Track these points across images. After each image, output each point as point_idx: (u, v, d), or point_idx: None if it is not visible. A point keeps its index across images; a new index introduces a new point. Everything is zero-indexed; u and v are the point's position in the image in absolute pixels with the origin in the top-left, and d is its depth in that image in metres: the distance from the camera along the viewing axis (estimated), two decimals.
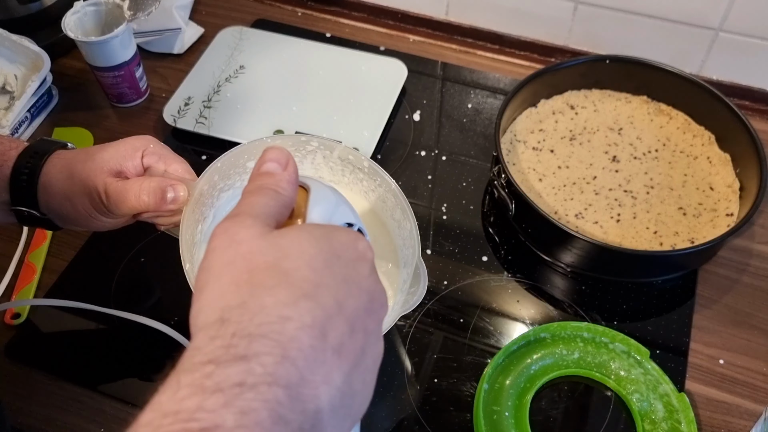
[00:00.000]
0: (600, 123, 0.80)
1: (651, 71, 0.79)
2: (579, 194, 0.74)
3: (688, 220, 0.71)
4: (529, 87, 0.78)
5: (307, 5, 1.01)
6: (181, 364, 0.27)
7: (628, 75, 0.81)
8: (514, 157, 0.77)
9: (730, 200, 0.72)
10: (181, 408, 0.25)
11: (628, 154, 0.77)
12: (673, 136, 0.79)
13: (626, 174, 0.75)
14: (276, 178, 0.34)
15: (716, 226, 0.70)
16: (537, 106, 0.81)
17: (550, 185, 0.74)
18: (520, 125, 0.80)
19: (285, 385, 0.26)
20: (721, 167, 0.75)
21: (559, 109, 0.82)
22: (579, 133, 0.79)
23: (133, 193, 0.51)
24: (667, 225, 0.71)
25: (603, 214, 0.72)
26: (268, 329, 0.27)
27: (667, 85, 0.79)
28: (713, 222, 0.71)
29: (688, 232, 0.70)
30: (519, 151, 0.77)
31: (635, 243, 0.69)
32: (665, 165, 0.76)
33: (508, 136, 0.79)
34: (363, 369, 0.30)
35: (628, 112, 0.81)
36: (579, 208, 0.72)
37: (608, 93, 0.83)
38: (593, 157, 0.77)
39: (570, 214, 0.72)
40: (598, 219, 0.71)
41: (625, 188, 0.74)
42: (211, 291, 0.29)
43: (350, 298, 0.30)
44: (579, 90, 0.83)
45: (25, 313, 0.67)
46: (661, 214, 0.72)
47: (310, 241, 0.31)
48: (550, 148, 0.78)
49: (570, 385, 0.63)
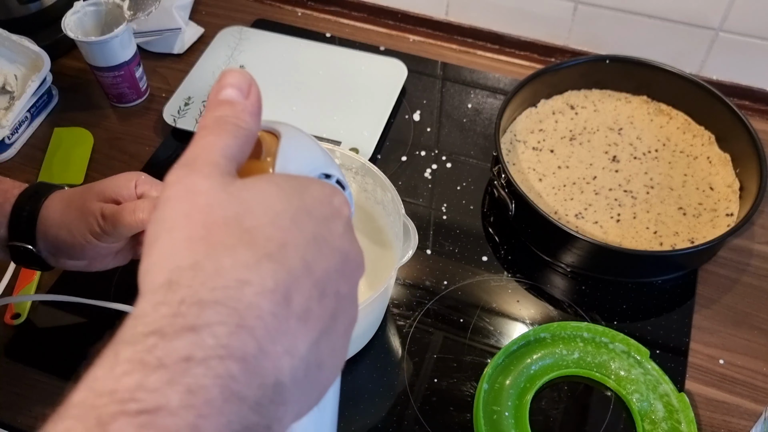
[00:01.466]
0: (600, 123, 0.80)
1: (651, 71, 0.79)
2: (579, 194, 0.73)
3: (688, 220, 0.71)
4: (529, 87, 0.78)
5: (307, 5, 1.01)
6: (122, 334, 0.23)
7: (628, 75, 0.81)
8: (514, 157, 0.77)
9: (730, 200, 0.72)
10: (118, 386, 0.21)
11: (628, 154, 0.77)
12: (673, 136, 0.79)
13: (626, 174, 0.75)
14: (236, 108, 0.29)
15: (716, 226, 0.70)
16: (537, 106, 0.81)
17: (550, 185, 0.74)
18: (520, 125, 0.80)
19: (240, 358, 0.23)
20: (721, 167, 0.75)
21: (559, 109, 0.81)
22: (579, 133, 0.79)
23: (128, 211, 0.52)
24: (667, 225, 0.71)
25: (603, 214, 0.72)
26: (223, 295, 0.23)
27: (667, 85, 0.79)
28: (713, 222, 0.71)
29: (688, 232, 0.70)
30: (519, 151, 0.77)
31: (635, 243, 0.69)
32: (665, 165, 0.76)
33: (508, 136, 0.79)
34: (333, 336, 0.27)
35: (628, 112, 0.81)
36: (579, 208, 0.72)
37: (608, 93, 0.83)
38: (593, 157, 0.77)
39: (570, 214, 0.72)
40: (598, 219, 0.71)
41: (625, 188, 0.74)
42: (161, 247, 0.25)
43: (320, 258, 0.26)
44: (579, 90, 0.83)
45: (25, 313, 0.67)
46: (661, 214, 0.72)
47: (278, 194, 0.27)
48: (550, 148, 0.78)
49: (570, 385, 0.63)
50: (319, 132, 0.81)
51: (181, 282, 0.24)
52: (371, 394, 0.63)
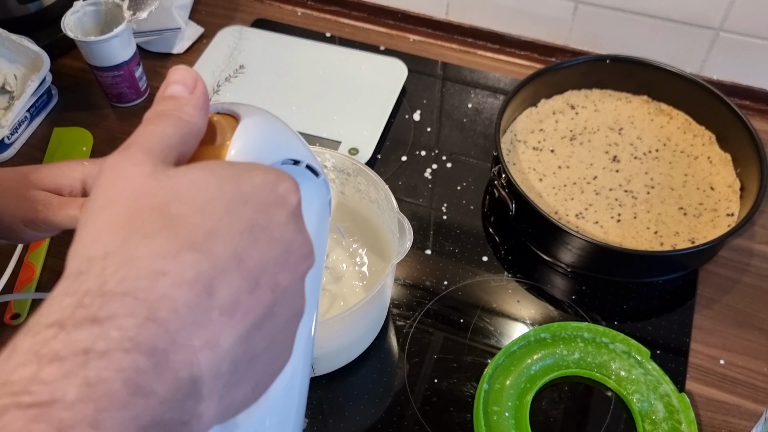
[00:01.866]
0: (600, 123, 0.80)
1: (651, 71, 0.79)
2: (579, 194, 0.73)
3: (688, 220, 0.71)
4: (530, 87, 0.77)
5: (307, 5, 1.01)
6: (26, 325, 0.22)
7: (628, 75, 0.81)
8: (514, 156, 0.77)
9: (730, 200, 0.72)
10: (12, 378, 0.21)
11: (629, 154, 0.77)
12: (673, 136, 0.79)
13: (627, 174, 0.75)
14: (179, 102, 0.28)
15: (717, 226, 0.70)
16: (537, 106, 0.81)
17: (550, 185, 0.74)
18: (521, 125, 0.80)
19: (148, 351, 0.22)
20: (722, 167, 0.75)
21: (559, 109, 0.81)
22: (579, 133, 0.79)
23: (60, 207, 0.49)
24: (668, 225, 0.71)
25: (603, 214, 0.72)
26: (133, 286, 0.22)
27: (667, 85, 0.79)
28: (714, 222, 0.70)
29: (688, 232, 0.70)
30: (519, 151, 0.77)
31: (636, 243, 0.69)
32: (666, 165, 0.76)
33: (509, 136, 0.78)
34: (269, 329, 0.26)
35: (628, 111, 0.81)
36: (579, 208, 0.72)
37: (609, 93, 0.83)
38: (594, 157, 0.77)
39: (570, 214, 0.72)
40: (599, 219, 0.71)
41: (626, 188, 0.74)
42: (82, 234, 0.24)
43: (255, 249, 0.25)
44: (579, 90, 0.82)
45: (24, 314, 0.67)
46: (661, 214, 0.71)
47: (211, 181, 0.25)
48: (551, 147, 0.78)
49: (570, 385, 0.62)
50: (319, 132, 0.81)
51: (90, 271, 0.23)
52: (371, 394, 0.63)
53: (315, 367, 0.62)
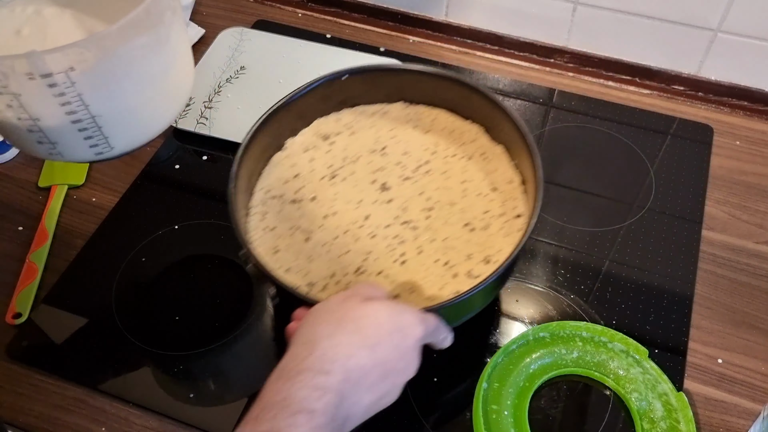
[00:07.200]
0: (360, 147, 0.69)
1: (395, 75, 0.70)
2: (354, 243, 0.62)
3: (477, 235, 0.62)
4: (268, 129, 0.65)
5: (307, 6, 1.01)
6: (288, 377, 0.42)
7: (374, 85, 0.70)
8: (272, 219, 0.64)
9: (515, 198, 0.63)
10: None
11: (397, 176, 0.67)
12: (441, 140, 0.69)
13: (400, 202, 0.65)
14: None
15: (508, 234, 0.61)
16: (285, 148, 0.69)
17: (319, 243, 0.62)
18: (272, 177, 0.67)
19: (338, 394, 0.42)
20: (498, 162, 0.66)
21: (311, 144, 0.69)
22: (340, 167, 0.68)
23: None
24: (457, 249, 0.61)
25: (386, 261, 0.61)
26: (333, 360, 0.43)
27: (419, 85, 0.70)
28: (504, 229, 0.62)
29: (481, 250, 0.61)
30: (276, 210, 0.65)
31: (429, 284, 0.59)
32: (440, 177, 0.66)
33: (259, 195, 0.66)
34: (385, 400, 0.47)
35: (387, 125, 0.71)
36: (358, 261, 0.61)
37: (361, 109, 0.72)
38: (360, 192, 0.66)
39: (350, 272, 0.60)
40: (382, 268, 0.60)
41: (403, 219, 0.63)
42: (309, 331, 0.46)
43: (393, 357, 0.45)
44: (328, 115, 0.71)
45: (26, 313, 0.67)
46: (448, 238, 0.62)
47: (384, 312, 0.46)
48: (311, 195, 0.66)
49: (569, 384, 0.63)
50: None
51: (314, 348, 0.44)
52: None
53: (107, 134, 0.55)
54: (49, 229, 0.74)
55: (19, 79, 0.48)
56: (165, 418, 0.61)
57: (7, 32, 0.59)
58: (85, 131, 0.53)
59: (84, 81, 0.50)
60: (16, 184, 0.79)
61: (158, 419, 0.61)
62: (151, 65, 0.55)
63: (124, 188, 0.78)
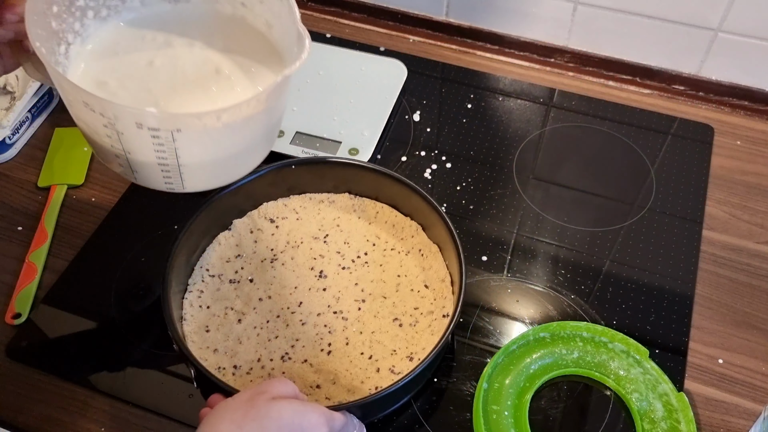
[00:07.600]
0: (304, 233, 0.71)
1: (341, 169, 0.72)
2: (284, 329, 0.63)
3: (405, 331, 0.63)
4: (212, 211, 0.67)
5: (307, 5, 1.01)
6: None
7: (320, 175, 0.72)
8: (207, 297, 0.65)
9: (445, 297, 0.64)
10: None
11: (336, 265, 0.68)
12: (382, 232, 0.71)
13: (335, 291, 0.66)
14: None
15: (435, 332, 0.62)
16: (231, 228, 0.71)
17: (251, 325, 0.63)
18: (214, 256, 0.68)
19: None
20: (434, 260, 0.67)
21: (257, 226, 0.71)
22: (281, 251, 0.69)
23: None
24: (383, 344, 0.62)
25: (312, 349, 0.62)
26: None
27: (363, 180, 0.72)
28: (431, 327, 0.63)
29: (406, 347, 0.62)
30: (213, 288, 0.66)
31: (351, 376, 0.60)
32: (377, 270, 0.68)
33: (198, 272, 0.67)
34: None
35: (333, 214, 0.72)
36: (285, 347, 0.62)
37: (309, 197, 0.73)
38: (298, 278, 0.67)
39: (276, 358, 0.61)
40: (308, 356, 0.61)
41: (335, 308, 0.65)
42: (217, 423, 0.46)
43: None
44: (276, 200, 0.73)
45: (26, 313, 0.67)
46: (375, 332, 0.63)
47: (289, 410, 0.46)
48: (249, 276, 0.67)
49: (569, 384, 0.63)
50: (319, 132, 0.81)
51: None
52: None
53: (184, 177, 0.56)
54: (48, 229, 0.74)
55: (126, 124, 0.49)
56: (165, 418, 0.61)
57: (140, 62, 0.59)
58: (167, 172, 0.54)
59: (185, 139, 0.51)
60: (16, 183, 0.79)
61: (158, 419, 0.61)
62: (256, 130, 0.56)
63: (124, 188, 0.78)
